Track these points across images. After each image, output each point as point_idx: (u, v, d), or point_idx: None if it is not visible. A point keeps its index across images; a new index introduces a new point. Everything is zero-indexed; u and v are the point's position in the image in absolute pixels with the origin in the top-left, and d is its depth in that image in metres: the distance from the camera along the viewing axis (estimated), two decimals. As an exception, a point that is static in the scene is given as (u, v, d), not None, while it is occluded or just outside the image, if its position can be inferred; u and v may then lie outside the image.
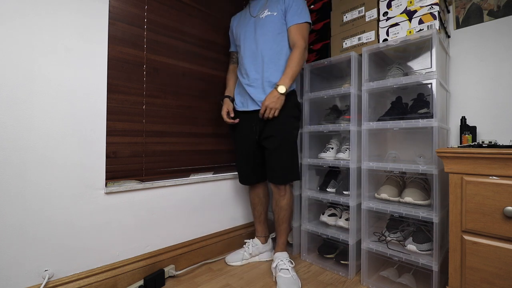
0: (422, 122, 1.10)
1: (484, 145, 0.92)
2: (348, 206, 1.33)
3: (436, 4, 1.15)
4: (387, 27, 1.28)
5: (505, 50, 1.23)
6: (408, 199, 1.16)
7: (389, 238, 1.20)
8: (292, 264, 1.28)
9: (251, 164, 1.42)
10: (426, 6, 1.17)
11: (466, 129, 1.24)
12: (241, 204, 1.70)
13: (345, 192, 1.37)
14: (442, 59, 1.22)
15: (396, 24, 1.26)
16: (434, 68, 1.09)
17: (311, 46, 1.60)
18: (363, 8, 1.37)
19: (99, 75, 1.13)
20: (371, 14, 1.34)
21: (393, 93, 1.40)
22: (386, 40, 1.28)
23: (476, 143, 0.98)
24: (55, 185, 1.02)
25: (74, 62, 1.07)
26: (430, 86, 1.10)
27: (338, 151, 1.42)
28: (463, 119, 1.25)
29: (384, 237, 1.23)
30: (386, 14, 1.29)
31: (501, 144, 1.01)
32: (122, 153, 1.20)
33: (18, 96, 0.94)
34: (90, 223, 1.10)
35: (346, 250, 1.33)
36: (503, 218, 0.80)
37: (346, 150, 1.38)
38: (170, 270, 1.28)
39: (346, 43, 1.44)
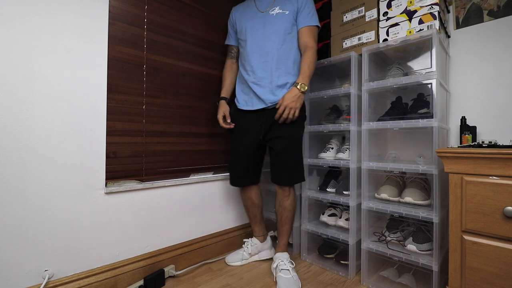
0: (422, 122, 1.10)
1: (484, 145, 0.92)
2: (348, 206, 1.33)
3: (436, 4, 1.15)
4: (387, 27, 1.28)
5: (505, 50, 1.23)
6: (408, 199, 1.16)
7: (389, 238, 1.20)
8: (292, 264, 1.28)
9: (250, 164, 1.38)
10: (426, 6, 1.17)
11: (466, 129, 1.24)
12: (241, 204, 1.70)
13: (345, 192, 1.37)
14: (442, 59, 1.22)
15: (396, 24, 1.26)
16: (434, 68, 1.09)
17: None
18: (363, 8, 1.37)
19: (99, 75, 1.13)
20: (371, 14, 1.34)
21: (393, 93, 1.40)
22: (386, 40, 1.28)
23: (476, 143, 0.98)
24: (55, 185, 1.02)
25: (74, 62, 1.07)
26: (430, 86, 1.10)
27: (338, 151, 1.42)
28: (463, 119, 1.25)
29: (384, 237, 1.23)
30: (386, 14, 1.29)
31: (501, 144, 1.01)
32: (122, 153, 1.20)
33: (18, 96, 0.94)
34: (90, 223, 1.10)
35: (346, 250, 1.33)
36: (503, 218, 0.80)
37: (346, 150, 1.38)
38: (170, 270, 1.28)
39: (346, 43, 1.44)
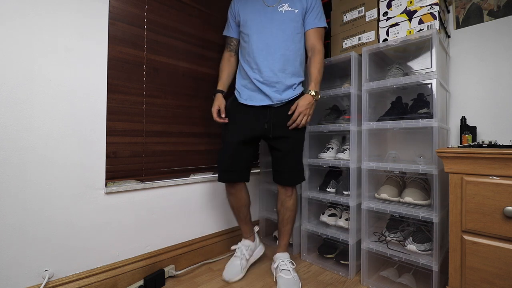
0: (422, 122, 1.10)
1: (484, 145, 0.92)
2: (348, 206, 1.33)
3: (436, 4, 1.15)
4: (387, 27, 1.28)
5: (505, 50, 1.23)
6: (408, 199, 1.16)
7: (389, 238, 1.20)
8: (293, 265, 1.27)
9: (243, 158, 1.29)
10: (426, 6, 1.17)
11: (466, 129, 1.24)
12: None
13: (345, 192, 1.37)
14: (442, 59, 1.22)
15: (396, 24, 1.26)
16: (434, 68, 1.09)
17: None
18: (363, 8, 1.37)
19: (99, 75, 1.13)
20: (371, 14, 1.34)
21: (393, 93, 1.40)
22: (386, 40, 1.28)
23: (476, 143, 0.98)
24: (55, 185, 1.02)
25: (74, 62, 1.07)
26: (430, 86, 1.10)
27: (338, 151, 1.42)
28: (463, 119, 1.25)
29: (384, 237, 1.23)
30: (386, 14, 1.29)
31: (501, 144, 1.01)
32: (122, 153, 1.20)
33: (18, 96, 0.94)
34: (90, 223, 1.10)
35: (346, 250, 1.33)
36: (503, 218, 0.80)
37: (346, 150, 1.38)
38: (170, 270, 1.28)
39: (346, 43, 1.43)
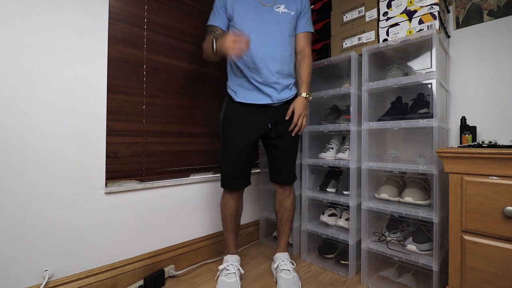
0: (422, 122, 1.10)
1: (484, 145, 0.92)
2: (348, 206, 1.33)
3: (436, 4, 1.15)
4: (387, 27, 1.28)
5: (505, 50, 1.23)
6: (408, 199, 1.16)
7: (389, 238, 1.20)
8: (293, 265, 1.27)
9: (248, 162, 1.27)
10: (426, 6, 1.17)
11: (466, 129, 1.24)
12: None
13: (345, 192, 1.37)
14: (442, 59, 1.22)
15: (396, 24, 1.26)
16: (434, 68, 1.08)
17: (312, 46, 1.59)
18: (363, 8, 1.37)
19: (99, 75, 1.13)
20: (371, 14, 1.34)
21: (393, 93, 1.40)
22: (386, 40, 1.28)
23: (476, 143, 0.98)
24: (55, 185, 1.02)
25: (74, 62, 1.07)
26: (430, 86, 1.10)
27: (338, 151, 1.42)
28: (463, 119, 1.25)
29: (384, 237, 1.23)
30: (386, 14, 1.29)
31: (501, 144, 1.01)
32: (122, 153, 1.20)
33: (18, 96, 0.94)
34: (90, 223, 1.10)
35: (346, 250, 1.33)
36: (503, 218, 0.80)
37: (346, 150, 1.38)
38: (170, 270, 1.28)
39: (346, 43, 1.43)
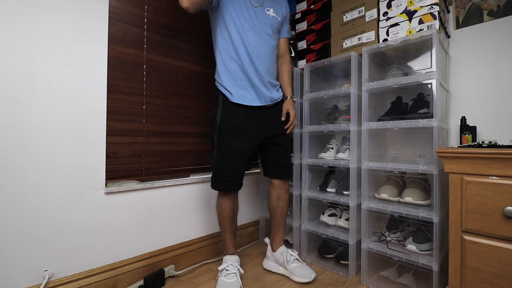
0: (422, 122, 1.10)
1: (484, 145, 0.92)
2: (348, 206, 1.33)
3: (436, 4, 1.15)
4: (387, 27, 1.28)
5: (505, 50, 1.23)
6: (408, 199, 1.16)
7: (389, 238, 1.20)
8: (296, 252, 1.37)
9: (246, 166, 1.30)
10: (426, 6, 1.17)
11: (466, 129, 1.24)
12: (241, 204, 1.70)
13: (345, 192, 1.37)
14: (442, 59, 1.22)
15: (396, 24, 1.26)
16: (434, 68, 1.08)
17: (311, 46, 1.60)
18: (363, 8, 1.37)
19: (99, 75, 1.13)
20: (371, 14, 1.34)
21: (393, 93, 1.40)
22: (386, 40, 1.28)
23: (476, 143, 0.98)
24: (55, 185, 1.02)
25: (74, 62, 1.07)
26: (430, 86, 1.10)
27: (338, 151, 1.42)
28: (463, 119, 1.25)
29: (384, 237, 1.23)
30: (386, 14, 1.29)
31: (501, 144, 1.01)
32: (122, 153, 1.20)
33: (18, 96, 0.94)
34: (90, 223, 1.10)
35: (346, 250, 1.33)
36: (503, 218, 0.80)
37: (346, 150, 1.38)
38: (170, 270, 1.28)
39: (346, 43, 1.43)
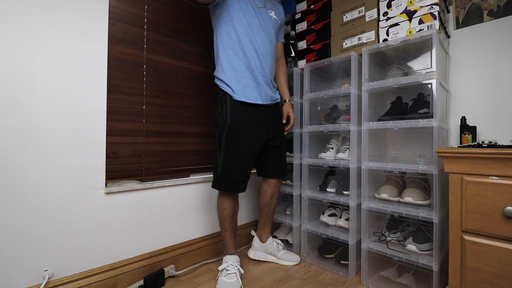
0: (422, 122, 1.10)
1: (484, 145, 0.92)
2: (348, 206, 1.33)
3: (436, 4, 1.15)
4: (387, 27, 1.28)
5: (505, 50, 1.23)
6: (408, 199, 1.16)
7: (389, 238, 1.20)
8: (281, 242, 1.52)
9: (252, 165, 1.29)
10: (426, 6, 1.17)
11: (466, 129, 1.24)
12: (241, 204, 1.70)
13: (345, 192, 1.37)
14: (442, 59, 1.22)
15: (396, 24, 1.26)
16: (434, 68, 1.08)
17: (311, 46, 1.60)
18: (363, 8, 1.37)
19: (99, 75, 1.13)
20: (371, 14, 1.34)
21: (393, 93, 1.40)
22: (386, 40, 1.28)
23: (476, 143, 0.98)
24: (55, 185, 1.02)
25: (74, 62, 1.07)
26: (430, 86, 1.10)
27: (338, 151, 1.42)
28: (463, 119, 1.25)
29: (384, 237, 1.23)
30: (386, 14, 1.29)
31: (501, 144, 1.01)
32: (122, 153, 1.20)
33: (18, 96, 0.94)
34: (90, 223, 1.10)
35: (346, 250, 1.33)
36: (503, 218, 0.80)
37: (346, 150, 1.38)
38: (170, 270, 1.28)
39: (346, 43, 1.43)
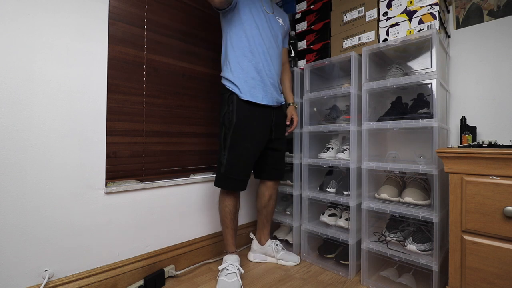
0: (422, 122, 1.10)
1: (484, 145, 0.92)
2: (348, 206, 1.33)
3: (436, 4, 1.15)
4: (387, 27, 1.28)
5: (505, 50, 1.23)
6: (408, 199, 1.16)
7: (389, 238, 1.20)
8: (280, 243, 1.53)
9: (253, 165, 1.31)
10: (426, 6, 1.17)
11: (466, 129, 1.24)
12: (241, 204, 1.70)
13: (345, 192, 1.37)
14: (442, 59, 1.22)
15: (396, 24, 1.26)
16: (434, 68, 1.08)
17: (311, 46, 1.60)
18: (363, 8, 1.37)
19: (99, 75, 1.13)
20: (371, 14, 1.34)
21: (393, 93, 1.40)
22: (386, 40, 1.28)
23: (476, 143, 0.98)
24: (55, 185, 1.02)
25: (74, 62, 1.07)
26: (430, 86, 1.10)
27: (338, 151, 1.42)
28: (463, 119, 1.25)
29: (384, 237, 1.23)
30: (386, 14, 1.29)
31: (501, 144, 1.01)
32: (122, 153, 1.20)
33: (18, 96, 0.94)
34: (90, 223, 1.10)
35: (346, 250, 1.33)
36: (503, 218, 0.80)
37: (346, 150, 1.38)
38: (170, 270, 1.28)
39: (346, 43, 1.43)
